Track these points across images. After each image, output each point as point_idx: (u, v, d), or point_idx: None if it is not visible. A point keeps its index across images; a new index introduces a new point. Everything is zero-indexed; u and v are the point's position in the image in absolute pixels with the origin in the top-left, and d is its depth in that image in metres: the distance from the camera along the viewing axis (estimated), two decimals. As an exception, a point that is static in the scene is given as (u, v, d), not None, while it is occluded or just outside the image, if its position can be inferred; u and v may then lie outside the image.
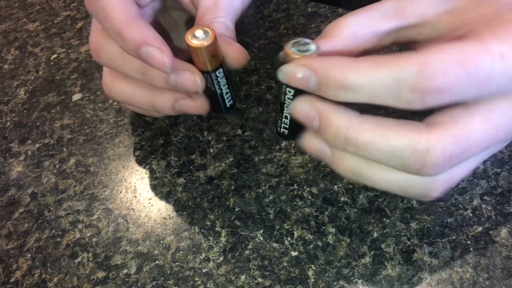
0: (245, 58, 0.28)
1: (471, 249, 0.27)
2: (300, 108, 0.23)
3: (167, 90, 0.28)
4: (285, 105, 0.25)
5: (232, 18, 0.30)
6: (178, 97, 0.28)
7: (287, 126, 0.27)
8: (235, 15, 0.30)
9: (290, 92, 0.24)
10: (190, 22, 0.35)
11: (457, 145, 0.20)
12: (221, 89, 0.29)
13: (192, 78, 0.26)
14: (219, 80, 0.28)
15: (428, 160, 0.20)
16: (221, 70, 0.28)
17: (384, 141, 0.21)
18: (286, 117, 0.26)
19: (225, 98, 0.30)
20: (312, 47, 0.23)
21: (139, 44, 0.25)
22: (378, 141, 0.21)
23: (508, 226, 0.27)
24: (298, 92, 0.24)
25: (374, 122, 0.21)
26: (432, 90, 0.19)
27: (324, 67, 0.21)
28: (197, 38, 0.25)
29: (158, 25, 0.32)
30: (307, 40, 0.23)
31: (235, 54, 0.27)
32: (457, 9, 0.23)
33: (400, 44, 0.26)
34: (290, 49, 0.23)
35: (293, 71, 0.22)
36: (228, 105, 0.30)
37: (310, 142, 0.24)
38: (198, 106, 0.28)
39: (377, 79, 0.20)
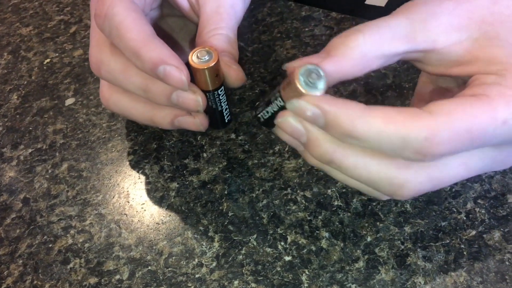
0: (242, 79, 0.28)
1: (464, 253, 0.27)
2: (288, 126, 0.23)
3: (166, 106, 0.28)
4: (271, 103, 0.25)
5: (234, 25, 0.30)
6: (178, 113, 0.28)
7: (266, 117, 0.26)
8: (237, 21, 0.30)
9: (281, 102, 0.24)
10: (186, 28, 0.35)
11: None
12: (221, 106, 0.29)
13: (193, 98, 0.26)
14: (220, 98, 0.28)
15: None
16: (222, 88, 0.28)
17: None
18: (267, 112, 0.25)
19: (224, 114, 0.30)
20: (321, 85, 0.22)
21: (157, 63, 0.25)
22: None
23: (502, 229, 0.27)
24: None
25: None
26: (435, 155, 0.20)
27: (335, 113, 0.21)
28: (201, 60, 0.26)
29: (158, 33, 0.32)
30: (320, 71, 0.22)
31: (233, 76, 0.28)
32: (469, 41, 0.23)
33: (403, 60, 0.26)
34: (299, 77, 0.22)
35: (304, 108, 0.22)
36: (226, 121, 0.31)
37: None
38: (197, 123, 0.29)
39: (385, 136, 0.20)
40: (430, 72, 0.25)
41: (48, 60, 0.41)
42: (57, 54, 0.41)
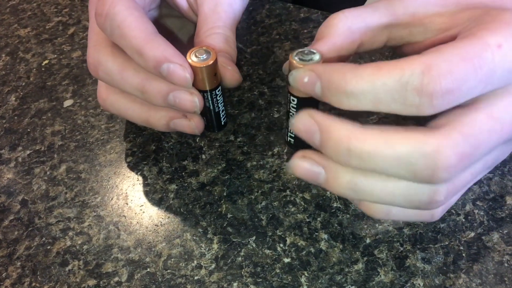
0: (238, 80, 0.28)
1: (463, 254, 0.27)
2: (301, 122, 0.22)
3: (163, 108, 0.28)
4: (290, 114, 0.25)
5: (232, 24, 0.30)
6: (173, 115, 0.28)
7: (293, 136, 0.27)
8: (235, 20, 0.30)
9: (293, 101, 0.25)
10: (184, 29, 0.35)
11: (466, 143, 0.20)
12: (218, 107, 0.29)
13: (190, 99, 0.26)
14: (217, 98, 0.28)
15: (440, 162, 0.19)
16: (219, 88, 0.28)
17: (389, 147, 0.20)
18: (288, 130, 0.27)
19: (221, 116, 0.30)
20: (316, 57, 0.24)
21: (160, 61, 0.25)
22: (383, 148, 0.20)
23: (500, 231, 0.27)
24: (301, 102, 0.25)
25: (377, 130, 0.20)
26: (441, 92, 0.19)
27: (328, 72, 0.21)
28: (199, 58, 0.26)
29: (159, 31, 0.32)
30: (312, 50, 0.24)
31: (228, 77, 0.28)
32: (448, 12, 0.24)
33: (394, 46, 0.26)
34: (294, 57, 0.24)
35: (301, 76, 0.22)
36: (222, 123, 0.31)
37: (299, 165, 0.23)
38: (192, 126, 0.29)
39: (379, 83, 0.19)
40: (417, 50, 0.26)
41: (46, 61, 0.41)
42: (55, 56, 0.41)
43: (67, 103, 0.37)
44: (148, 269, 0.28)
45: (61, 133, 0.35)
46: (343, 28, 0.24)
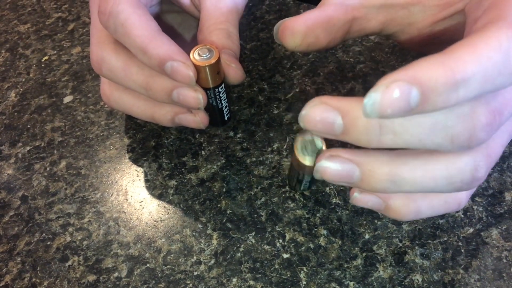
0: (241, 77, 0.28)
1: (462, 250, 0.27)
2: (315, 113, 0.19)
3: (167, 104, 0.28)
4: (303, 182, 0.26)
5: (235, 19, 0.30)
6: (178, 111, 0.28)
7: (307, 187, 0.28)
8: (238, 15, 0.30)
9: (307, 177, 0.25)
10: (185, 24, 0.35)
11: (495, 100, 0.19)
12: (222, 104, 0.29)
13: (194, 96, 0.26)
14: (220, 95, 0.29)
15: (477, 122, 0.18)
16: (222, 85, 0.28)
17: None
18: (305, 184, 0.27)
19: (224, 112, 0.30)
20: (319, 144, 0.22)
21: (164, 59, 0.25)
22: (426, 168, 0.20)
23: (499, 227, 0.27)
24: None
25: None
26: (465, 72, 0.17)
27: (420, 73, 0.17)
28: (202, 57, 0.26)
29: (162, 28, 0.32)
30: (315, 138, 0.23)
31: (232, 74, 0.28)
32: None
33: (396, 33, 0.26)
34: (299, 151, 0.23)
35: (387, 94, 0.17)
36: (226, 119, 0.31)
37: (329, 168, 0.21)
38: (197, 121, 0.29)
39: (489, 58, 0.17)
40: (420, 32, 0.26)
41: (46, 57, 0.41)
42: (55, 52, 0.41)
43: (67, 99, 0.37)
44: (148, 265, 0.28)
45: (61, 129, 0.35)
46: (336, 0, 0.25)
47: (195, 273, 0.27)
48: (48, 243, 0.29)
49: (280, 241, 0.28)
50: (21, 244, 0.29)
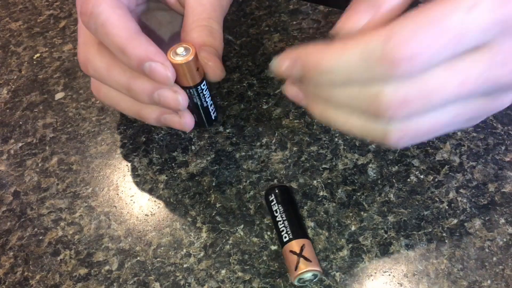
0: (220, 75, 0.28)
1: (446, 241, 0.27)
2: (282, 61, 0.23)
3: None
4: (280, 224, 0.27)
5: (219, 16, 0.30)
6: (164, 111, 0.29)
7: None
8: (222, 12, 0.30)
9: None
10: (175, 22, 0.35)
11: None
12: (206, 102, 0.30)
13: (174, 97, 0.27)
14: (204, 93, 0.29)
15: (380, 103, 0.20)
16: (204, 83, 0.28)
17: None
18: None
19: (210, 111, 0.30)
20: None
21: (142, 60, 0.25)
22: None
23: (482, 218, 0.28)
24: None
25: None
26: (401, 58, 0.19)
27: (304, 54, 0.22)
28: (179, 55, 0.26)
29: (142, 28, 0.33)
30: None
31: (210, 72, 0.28)
32: None
33: None
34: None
35: (281, 61, 0.23)
36: (212, 118, 0.31)
37: (288, 90, 0.25)
38: (182, 122, 0.29)
39: (346, 58, 0.20)
40: None
41: (38, 54, 0.41)
42: (46, 49, 0.41)
43: (59, 95, 0.37)
44: (138, 258, 0.28)
45: (53, 125, 0.36)
46: None
47: (185, 265, 0.28)
48: (40, 237, 0.30)
49: (268, 233, 0.28)
50: (14, 239, 0.30)
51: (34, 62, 0.40)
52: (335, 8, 0.41)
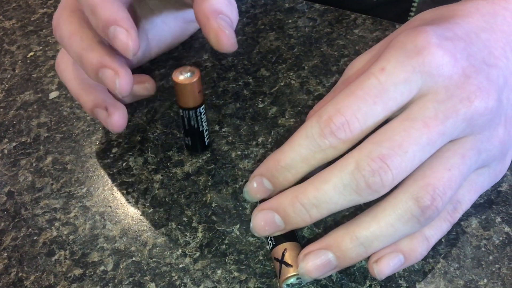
0: (233, 45, 0.26)
1: (442, 240, 0.27)
2: (315, 264, 0.24)
3: (92, 92, 0.30)
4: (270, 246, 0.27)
5: None
6: (98, 103, 0.30)
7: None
8: None
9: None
10: (166, 11, 0.34)
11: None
12: (202, 126, 0.30)
13: (113, 79, 0.26)
14: (201, 116, 0.30)
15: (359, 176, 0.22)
16: (203, 107, 0.29)
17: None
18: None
19: (205, 135, 0.31)
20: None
21: (109, 23, 0.25)
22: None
23: (479, 216, 0.28)
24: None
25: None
26: (335, 128, 0.23)
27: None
28: (184, 76, 0.28)
29: (133, 15, 0.32)
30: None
31: (225, 41, 0.25)
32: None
33: None
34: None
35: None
36: (206, 143, 0.32)
37: (311, 265, 0.24)
38: (108, 121, 0.30)
39: (294, 148, 0.24)
40: None
41: (31, 53, 0.40)
42: (40, 48, 0.41)
43: (53, 95, 0.37)
44: (134, 258, 0.28)
45: (47, 124, 0.35)
46: None
47: (181, 266, 0.28)
48: (35, 238, 0.30)
49: (264, 233, 0.28)
50: (8, 239, 0.30)
51: (28, 61, 0.40)
52: (331, 6, 0.41)
